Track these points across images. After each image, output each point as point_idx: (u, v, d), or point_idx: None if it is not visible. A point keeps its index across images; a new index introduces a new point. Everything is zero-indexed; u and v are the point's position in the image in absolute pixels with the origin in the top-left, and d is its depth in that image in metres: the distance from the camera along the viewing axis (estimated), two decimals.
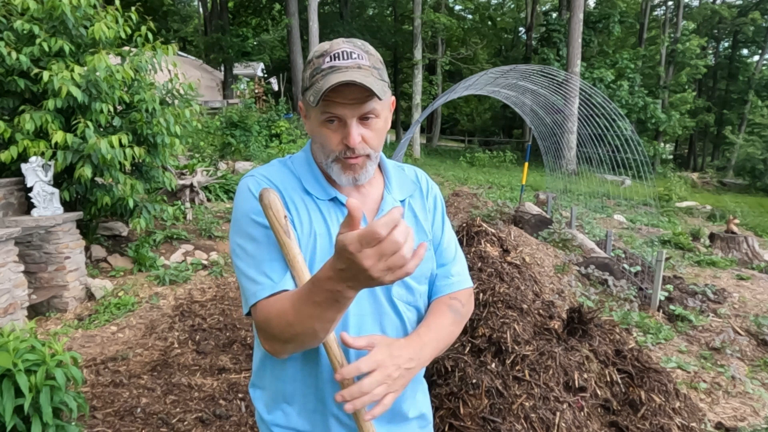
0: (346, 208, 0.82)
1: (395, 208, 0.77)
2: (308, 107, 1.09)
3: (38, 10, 4.61)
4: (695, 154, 35.24)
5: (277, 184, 1.13)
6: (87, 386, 3.30)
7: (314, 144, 1.15)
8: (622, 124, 9.56)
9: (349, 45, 1.06)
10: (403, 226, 0.77)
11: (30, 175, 4.48)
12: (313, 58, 1.07)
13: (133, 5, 5.50)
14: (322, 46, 1.07)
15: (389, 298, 1.14)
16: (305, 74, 1.09)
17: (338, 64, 1.03)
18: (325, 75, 1.03)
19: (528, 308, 2.69)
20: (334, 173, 1.11)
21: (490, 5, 38.36)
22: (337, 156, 1.08)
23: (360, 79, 0.99)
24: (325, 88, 1.00)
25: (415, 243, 0.98)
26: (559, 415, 2.16)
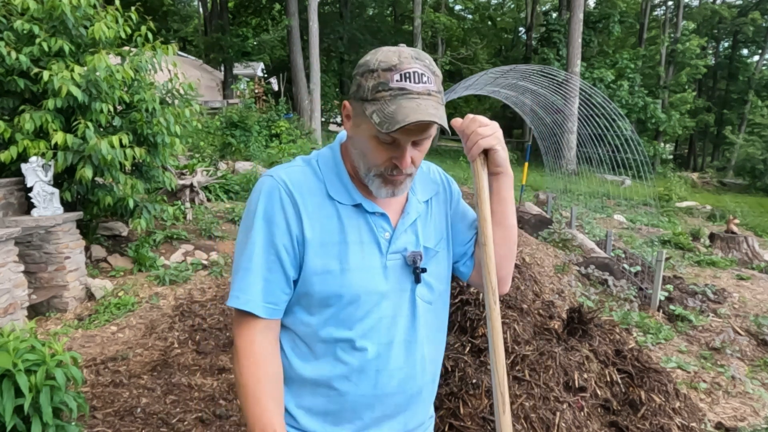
0: (372, 215, 1.05)
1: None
2: (359, 114, 1.04)
3: (38, 10, 4.61)
4: (695, 154, 35.24)
5: (295, 189, 1.10)
6: (87, 386, 3.30)
7: (354, 150, 1.11)
8: (622, 124, 9.56)
9: (419, 65, 1.01)
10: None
11: (30, 175, 4.48)
12: (378, 69, 1.00)
13: (133, 5, 5.49)
14: (389, 57, 1.01)
15: (412, 298, 1.16)
16: (366, 82, 1.01)
17: (409, 88, 0.99)
18: (396, 98, 0.99)
19: (528, 308, 2.69)
20: (374, 186, 1.09)
21: (490, 5, 38.36)
22: (382, 172, 1.07)
23: (436, 117, 0.98)
24: (400, 121, 0.96)
25: (433, 242, 1.19)
26: (559, 415, 2.16)
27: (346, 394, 1.13)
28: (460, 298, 2.68)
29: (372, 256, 1.11)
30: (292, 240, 1.09)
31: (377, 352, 1.12)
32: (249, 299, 1.08)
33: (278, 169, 1.14)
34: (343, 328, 1.11)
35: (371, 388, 1.13)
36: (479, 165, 1.12)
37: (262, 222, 1.09)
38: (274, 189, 1.09)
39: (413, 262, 1.14)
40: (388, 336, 1.13)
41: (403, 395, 1.17)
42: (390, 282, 1.13)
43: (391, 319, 1.13)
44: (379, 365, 1.13)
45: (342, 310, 1.10)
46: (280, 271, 1.09)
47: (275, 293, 1.09)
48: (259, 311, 1.08)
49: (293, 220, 1.08)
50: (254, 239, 1.09)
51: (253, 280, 1.08)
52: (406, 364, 1.16)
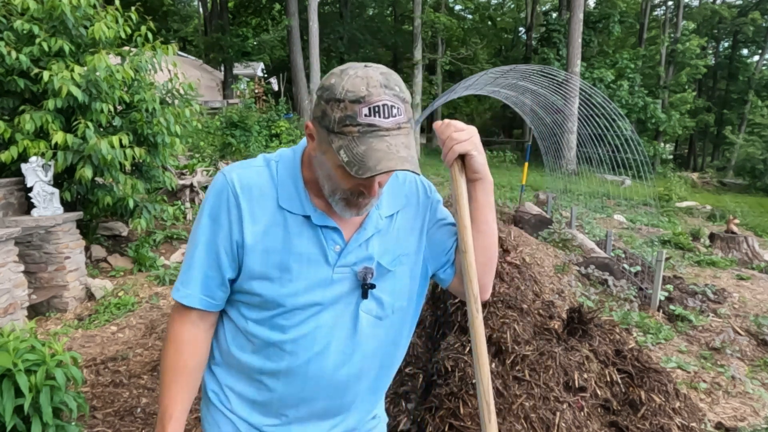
0: (323, 228, 1.08)
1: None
2: (324, 141, 1.00)
3: (38, 10, 4.61)
4: (695, 154, 35.24)
5: (243, 192, 1.08)
6: (87, 386, 3.30)
7: (318, 170, 1.07)
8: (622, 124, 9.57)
9: (389, 95, 0.95)
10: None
11: (30, 175, 4.48)
12: (345, 100, 0.94)
13: (133, 5, 5.49)
14: (357, 86, 0.94)
15: (355, 312, 1.15)
16: (332, 112, 0.96)
17: (378, 124, 0.94)
18: (365, 135, 0.94)
19: (528, 308, 2.69)
20: (338, 207, 1.07)
21: (490, 5, 38.36)
22: (348, 197, 1.05)
23: (407, 162, 0.94)
24: (371, 168, 0.93)
25: (389, 258, 1.17)
26: (559, 415, 2.16)
27: (273, 390, 1.16)
28: (460, 299, 2.68)
29: (317, 269, 1.11)
30: (231, 243, 1.10)
31: (308, 359, 1.13)
32: (188, 293, 1.12)
33: (234, 167, 1.13)
34: (278, 331, 1.12)
35: (298, 391, 1.16)
36: (456, 171, 1.10)
37: (207, 220, 1.11)
38: (222, 189, 1.10)
39: (363, 278, 1.13)
40: (322, 345, 1.13)
41: (332, 401, 1.18)
42: (333, 295, 1.12)
43: (329, 329, 1.13)
44: (308, 371, 1.14)
45: (279, 315, 1.11)
46: (218, 271, 1.11)
47: (212, 289, 1.13)
48: (196, 303, 1.13)
49: (235, 223, 1.09)
50: (199, 236, 1.12)
51: (194, 275, 1.12)
52: (339, 374, 1.16)
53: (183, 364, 1.14)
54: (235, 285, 1.14)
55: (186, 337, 1.14)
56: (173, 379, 1.14)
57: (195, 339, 1.15)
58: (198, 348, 1.16)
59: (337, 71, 0.99)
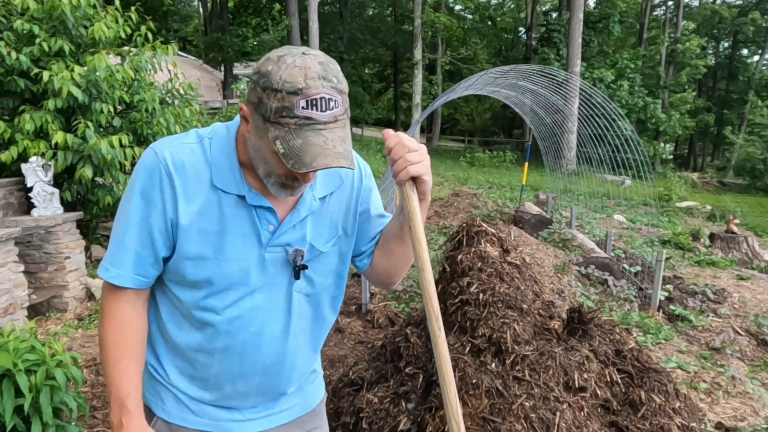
0: (257, 208, 1.09)
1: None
2: (259, 128, 0.99)
3: (38, 10, 4.61)
4: (695, 154, 35.24)
5: (176, 171, 1.07)
6: (87, 386, 3.30)
7: (252, 152, 1.06)
8: (622, 124, 9.57)
9: (326, 87, 0.95)
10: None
11: (30, 175, 4.48)
12: (282, 90, 0.93)
13: (133, 5, 5.50)
14: (294, 77, 0.93)
15: (288, 292, 1.17)
16: (269, 101, 0.95)
17: (315, 117, 0.94)
18: (302, 128, 0.95)
19: (528, 308, 2.69)
20: (273, 188, 1.07)
21: (490, 5, 38.37)
22: (283, 180, 1.05)
23: (343, 158, 0.96)
24: (307, 164, 0.94)
25: (323, 240, 1.20)
26: (559, 415, 2.16)
27: (210, 367, 1.18)
28: (460, 298, 2.68)
29: (250, 248, 1.11)
30: (166, 222, 1.08)
31: (243, 339, 1.15)
32: (120, 273, 1.10)
33: (165, 143, 1.10)
34: (212, 312, 1.13)
35: (235, 368, 1.18)
36: (408, 188, 1.08)
37: (139, 198, 1.08)
38: (155, 168, 1.07)
39: (294, 260, 1.15)
40: (256, 325, 1.15)
41: (269, 377, 1.21)
42: (266, 274, 1.14)
43: (264, 310, 1.15)
44: (243, 350, 1.16)
45: (212, 295, 1.12)
46: (151, 249, 1.10)
47: (145, 267, 1.11)
48: (128, 283, 1.11)
49: (169, 202, 1.07)
50: (130, 215, 1.09)
51: (125, 255, 1.10)
52: (274, 352, 1.19)
53: (127, 339, 1.13)
54: (168, 265, 1.13)
55: (125, 317, 1.13)
56: (120, 357, 1.12)
57: (134, 316, 1.15)
58: (139, 324, 1.16)
59: (273, 57, 0.98)
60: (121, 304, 1.13)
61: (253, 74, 1.02)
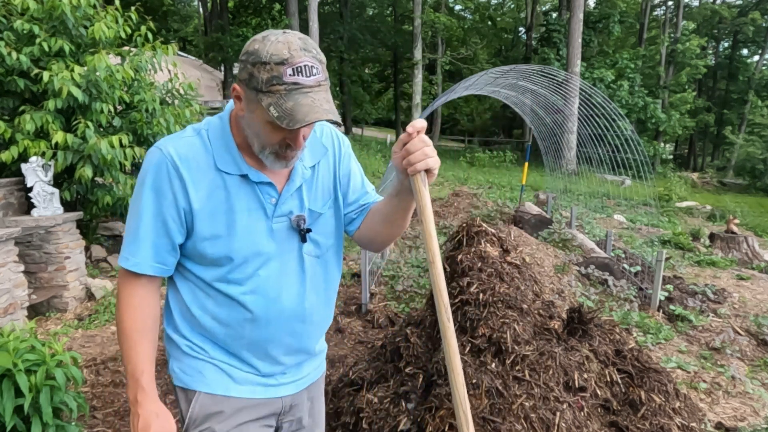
0: (258, 184, 1.21)
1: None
2: (252, 101, 1.11)
3: (38, 10, 4.61)
4: (695, 154, 35.24)
5: (182, 162, 1.18)
6: (87, 386, 3.30)
7: (247, 129, 1.18)
8: (622, 124, 9.57)
9: (309, 57, 1.08)
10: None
11: (30, 175, 4.48)
12: (271, 62, 1.06)
13: (133, 5, 5.50)
14: (280, 50, 1.06)
15: (300, 256, 1.30)
16: (259, 74, 1.07)
17: (302, 82, 1.07)
18: (291, 93, 1.07)
19: (528, 308, 2.69)
20: (268, 161, 1.19)
21: (490, 5, 38.36)
22: (276, 150, 1.17)
23: (330, 113, 1.08)
24: (300, 120, 1.05)
25: (319, 204, 1.32)
26: (559, 415, 2.16)
27: (242, 338, 1.29)
28: (460, 298, 2.68)
29: (258, 221, 1.23)
30: (178, 211, 1.19)
31: (266, 306, 1.26)
32: (138, 261, 1.21)
33: (168, 141, 1.21)
34: (234, 284, 1.25)
35: (264, 334, 1.29)
36: (419, 181, 1.13)
37: (150, 193, 1.19)
38: (162, 163, 1.18)
39: (297, 225, 1.27)
40: (276, 291, 1.27)
41: (295, 338, 1.34)
42: (276, 243, 1.26)
43: (280, 276, 1.27)
44: (269, 316, 1.28)
45: (233, 270, 1.24)
46: (167, 237, 1.21)
47: (163, 255, 1.23)
48: (148, 270, 1.22)
49: (180, 193, 1.18)
50: (143, 209, 1.19)
51: (142, 245, 1.21)
52: (296, 313, 1.31)
53: (142, 324, 1.23)
54: (188, 248, 1.25)
55: (141, 300, 1.24)
56: (138, 339, 1.23)
57: (149, 300, 1.25)
58: (153, 308, 1.27)
59: (258, 38, 1.10)
60: (137, 290, 1.24)
61: (241, 56, 1.12)
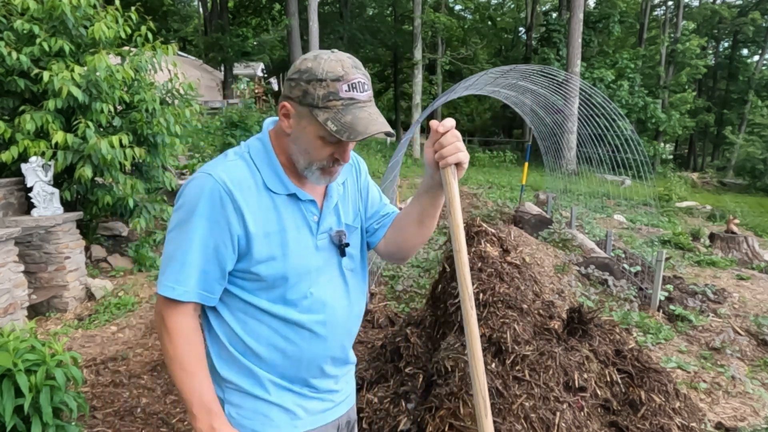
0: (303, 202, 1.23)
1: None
2: (304, 117, 1.15)
3: (38, 10, 4.61)
4: (695, 154, 35.23)
5: (234, 187, 1.18)
6: (87, 386, 3.30)
7: (294, 146, 1.21)
8: (622, 124, 9.57)
9: (360, 74, 1.14)
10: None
11: (30, 175, 4.48)
12: (327, 79, 1.11)
13: (133, 5, 5.49)
14: (334, 67, 1.11)
15: (341, 270, 1.33)
16: (315, 90, 1.12)
17: (357, 97, 1.13)
18: (348, 107, 1.12)
19: (528, 308, 2.69)
20: (314, 177, 1.23)
21: (490, 5, 38.35)
22: (324, 165, 1.21)
23: (386, 126, 1.15)
24: (362, 132, 1.11)
25: (351, 219, 1.37)
26: (559, 415, 2.16)
27: (300, 358, 1.28)
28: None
29: (306, 239, 1.26)
30: (232, 237, 1.18)
31: (322, 321, 1.28)
32: (186, 290, 1.18)
33: (215, 166, 1.21)
34: (291, 305, 1.25)
35: (320, 349, 1.30)
36: (449, 174, 1.18)
37: (202, 220, 1.17)
38: (215, 189, 1.17)
39: (339, 239, 1.31)
40: (329, 306, 1.29)
41: (341, 346, 1.36)
42: (322, 259, 1.29)
43: (328, 292, 1.29)
44: (326, 332, 1.29)
45: (288, 290, 1.24)
46: (217, 265, 1.19)
47: (211, 283, 1.21)
48: (194, 298, 1.19)
49: (234, 218, 1.18)
50: (193, 235, 1.17)
51: (190, 272, 1.18)
52: (345, 326, 1.34)
53: (198, 353, 1.22)
54: (241, 273, 1.23)
55: (190, 328, 1.21)
56: (197, 368, 1.20)
57: (197, 329, 1.23)
58: (201, 336, 1.25)
59: (310, 57, 1.15)
60: (185, 318, 1.21)
61: (292, 75, 1.16)
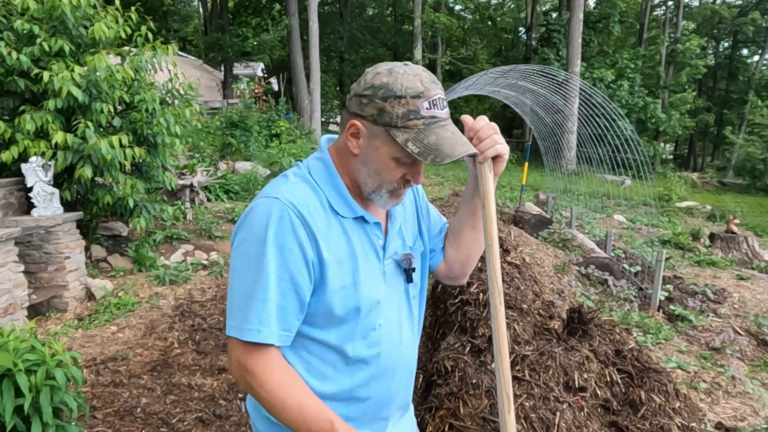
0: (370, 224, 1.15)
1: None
2: (379, 137, 1.06)
3: (38, 10, 4.61)
4: (695, 154, 35.23)
5: (304, 210, 1.07)
6: (87, 386, 3.30)
7: (362, 167, 1.11)
8: (622, 124, 9.57)
9: (438, 89, 1.06)
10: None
11: (30, 175, 4.48)
12: (406, 96, 1.02)
13: (133, 5, 5.49)
14: (413, 83, 1.03)
15: (407, 297, 1.24)
16: (393, 109, 1.02)
17: (438, 115, 1.05)
18: (430, 127, 1.03)
19: (528, 308, 2.69)
20: (381, 200, 1.14)
21: (490, 5, 38.35)
22: (395, 187, 1.12)
23: (472, 147, 1.07)
24: (449, 155, 1.02)
25: (412, 241, 1.28)
26: (559, 415, 2.16)
27: (367, 400, 1.18)
28: (460, 298, 2.68)
29: (374, 265, 1.16)
30: (307, 264, 1.06)
31: (391, 355, 1.18)
32: (271, 332, 1.05)
33: (279, 189, 1.09)
34: (360, 339, 1.14)
35: (388, 389, 1.20)
36: (486, 169, 1.16)
37: (274, 249, 1.04)
38: (284, 213, 1.05)
39: (408, 263, 1.21)
40: (398, 337, 1.20)
41: (408, 384, 1.27)
42: (389, 286, 1.19)
43: (396, 320, 1.20)
44: (394, 367, 1.19)
45: (359, 323, 1.13)
46: (295, 297, 1.07)
47: (289, 320, 1.07)
48: (275, 341, 1.06)
49: (308, 243, 1.06)
50: (267, 267, 1.04)
51: (269, 310, 1.05)
52: (411, 358, 1.26)
53: (298, 384, 1.09)
54: (312, 308, 1.10)
55: (282, 366, 1.09)
56: (301, 400, 1.06)
57: (286, 366, 1.10)
58: (291, 367, 1.12)
59: (383, 71, 1.05)
60: (276, 361, 1.08)
61: (364, 90, 1.06)
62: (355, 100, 1.08)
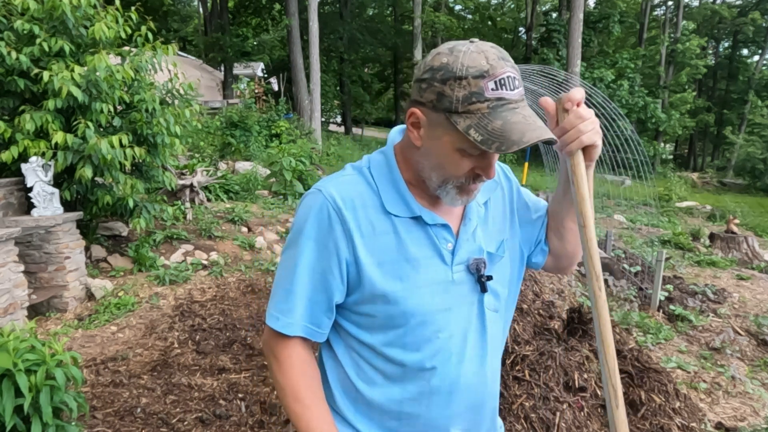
0: (433, 226, 1.03)
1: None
2: (440, 125, 0.94)
3: (38, 10, 4.61)
4: (695, 154, 35.24)
5: (345, 205, 1.01)
6: (87, 386, 3.30)
7: (425, 161, 1.00)
8: (622, 124, 9.57)
9: (509, 66, 0.90)
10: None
11: (30, 175, 4.48)
12: (468, 76, 0.89)
13: (133, 5, 5.49)
14: (477, 61, 0.89)
15: (480, 309, 1.09)
16: (453, 92, 0.90)
17: (507, 96, 0.90)
18: (496, 110, 0.89)
19: (528, 308, 2.69)
20: (448, 197, 1.01)
21: (490, 5, 38.36)
22: (462, 183, 0.99)
23: (549, 132, 0.91)
24: (517, 141, 0.87)
25: (495, 246, 1.13)
26: (559, 415, 2.16)
27: (418, 417, 1.08)
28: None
29: (436, 271, 1.04)
30: (340, 262, 1.02)
31: (448, 373, 1.05)
32: (290, 322, 1.04)
33: (328, 182, 1.05)
34: (411, 350, 1.04)
35: (443, 409, 1.08)
36: (577, 156, 1.02)
37: (309, 242, 1.02)
38: (323, 207, 1.01)
39: (477, 270, 1.07)
40: (459, 354, 1.06)
41: (473, 411, 1.12)
42: (457, 296, 1.06)
43: (462, 335, 1.06)
44: (451, 386, 1.06)
45: (410, 331, 1.04)
46: (324, 294, 1.04)
47: (318, 316, 1.05)
48: (299, 331, 1.04)
49: (342, 241, 1.01)
50: (300, 260, 1.03)
51: (296, 302, 1.03)
52: (477, 380, 1.10)
53: (314, 384, 1.07)
54: (350, 308, 1.07)
55: (302, 359, 1.07)
56: (313, 400, 1.05)
57: (310, 359, 1.08)
58: (314, 363, 1.10)
59: (444, 50, 0.93)
60: (295, 350, 1.06)
61: (422, 75, 0.95)
62: (415, 86, 0.97)
